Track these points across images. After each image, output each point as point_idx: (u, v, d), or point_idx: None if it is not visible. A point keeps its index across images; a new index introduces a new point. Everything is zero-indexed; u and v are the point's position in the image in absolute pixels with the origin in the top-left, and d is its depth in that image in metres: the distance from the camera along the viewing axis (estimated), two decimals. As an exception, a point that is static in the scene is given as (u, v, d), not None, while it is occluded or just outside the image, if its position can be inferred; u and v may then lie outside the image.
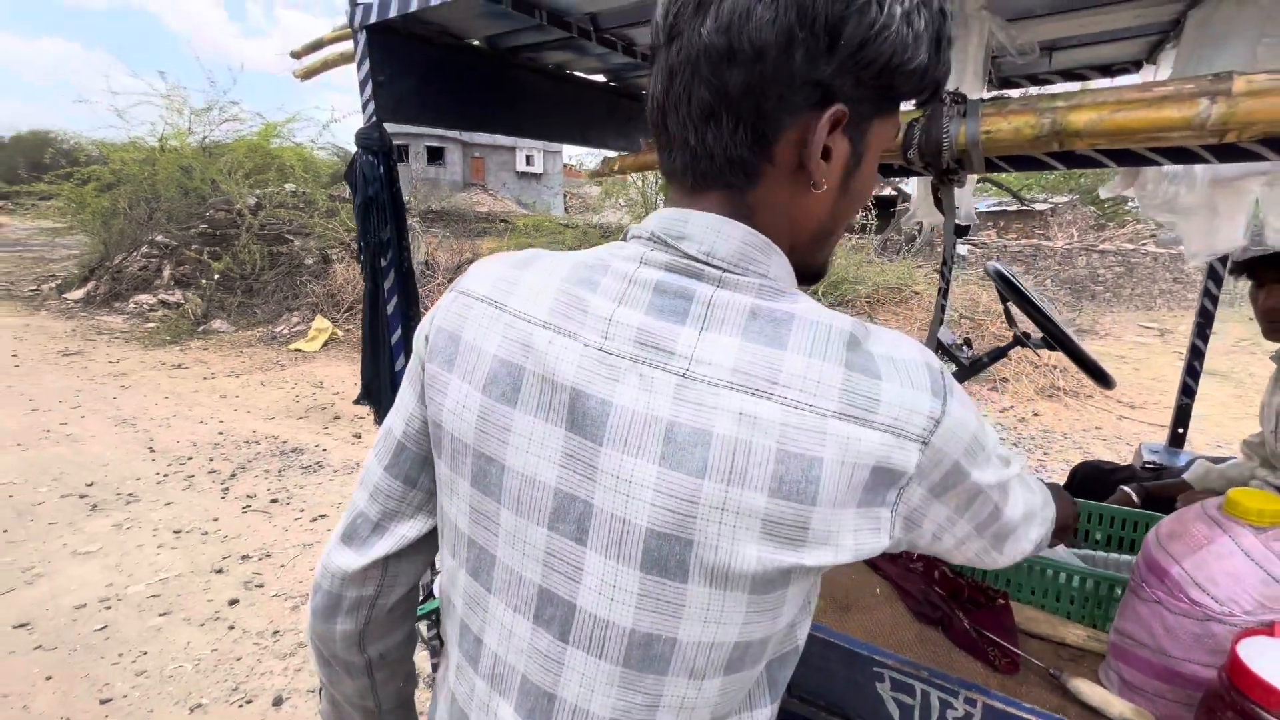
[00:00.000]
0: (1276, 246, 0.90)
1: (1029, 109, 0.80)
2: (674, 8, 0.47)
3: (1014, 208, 18.56)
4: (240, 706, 2.20)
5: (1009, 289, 1.64)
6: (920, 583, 1.10)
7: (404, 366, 1.46)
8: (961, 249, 14.20)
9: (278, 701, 2.22)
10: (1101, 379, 1.61)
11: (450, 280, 8.90)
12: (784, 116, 0.46)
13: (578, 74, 1.66)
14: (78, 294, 9.75)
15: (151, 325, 8.20)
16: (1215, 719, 0.74)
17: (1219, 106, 0.68)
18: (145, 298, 9.10)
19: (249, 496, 3.77)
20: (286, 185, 10.14)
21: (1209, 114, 0.69)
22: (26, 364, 6.41)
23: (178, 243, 9.61)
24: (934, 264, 11.82)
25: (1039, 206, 18.22)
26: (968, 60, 1.06)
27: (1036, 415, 5.91)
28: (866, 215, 12.11)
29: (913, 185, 1.75)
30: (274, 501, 3.72)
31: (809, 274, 0.56)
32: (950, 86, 1.03)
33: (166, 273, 9.47)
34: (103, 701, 2.18)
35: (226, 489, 3.85)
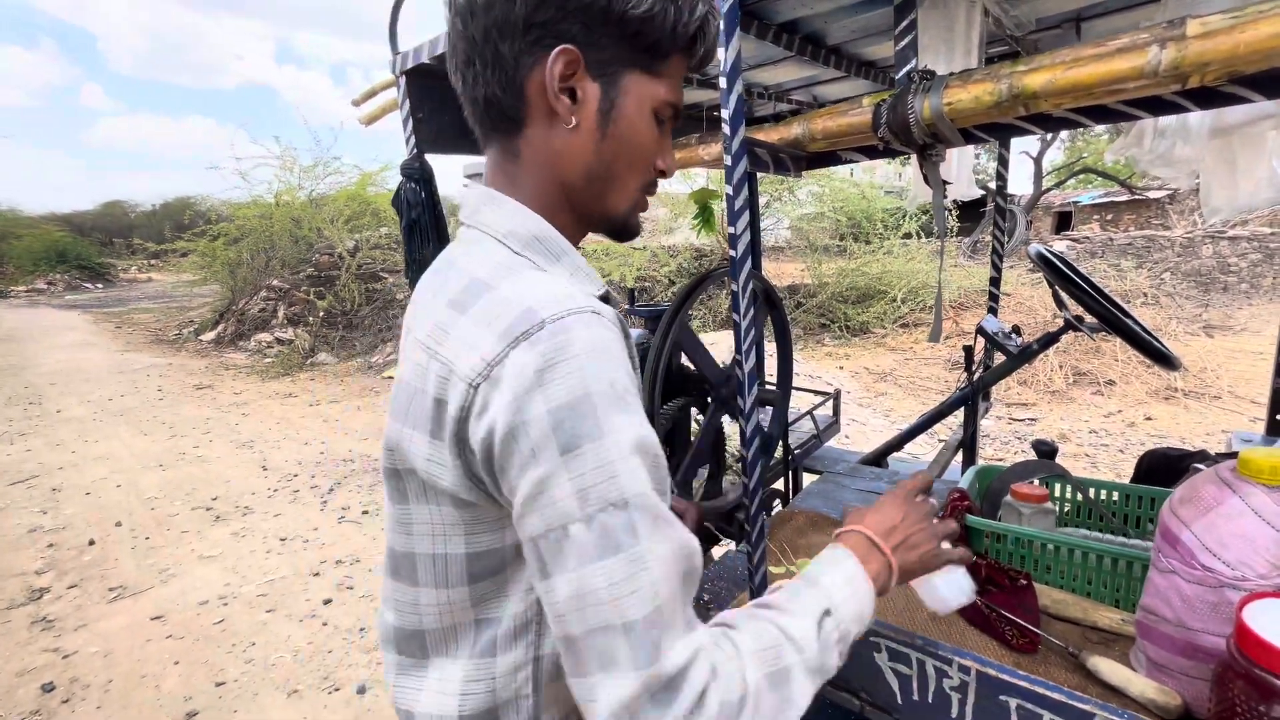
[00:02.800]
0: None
1: (988, 77, 0.81)
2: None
3: (1124, 198, 17.00)
4: (330, 693, 2.41)
5: (1053, 272, 1.57)
6: (935, 563, 1.08)
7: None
8: (1059, 244, 13.13)
9: (361, 690, 2.42)
10: (1164, 360, 1.50)
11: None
12: (521, 57, 0.54)
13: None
14: (210, 335, 11.09)
15: (268, 360, 9.17)
16: (1227, 690, 0.70)
17: (1168, 52, 0.68)
18: (263, 336, 10.20)
19: (343, 508, 4.12)
20: (381, 229, 11.11)
21: (1159, 60, 0.68)
22: (169, 397, 7.36)
23: (289, 286, 10.74)
24: (1027, 264, 11.04)
25: (1153, 194, 16.58)
26: (956, 38, 1.08)
27: (1149, 419, 5.35)
28: (949, 214, 11.52)
29: (954, 181, 1.72)
30: (365, 513, 4.05)
31: (609, 227, 0.63)
32: (941, 66, 1.05)
33: (281, 313, 10.58)
34: (217, 684, 2.47)
35: (325, 502, 4.23)
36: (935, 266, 10.08)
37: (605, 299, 0.59)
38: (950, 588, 0.71)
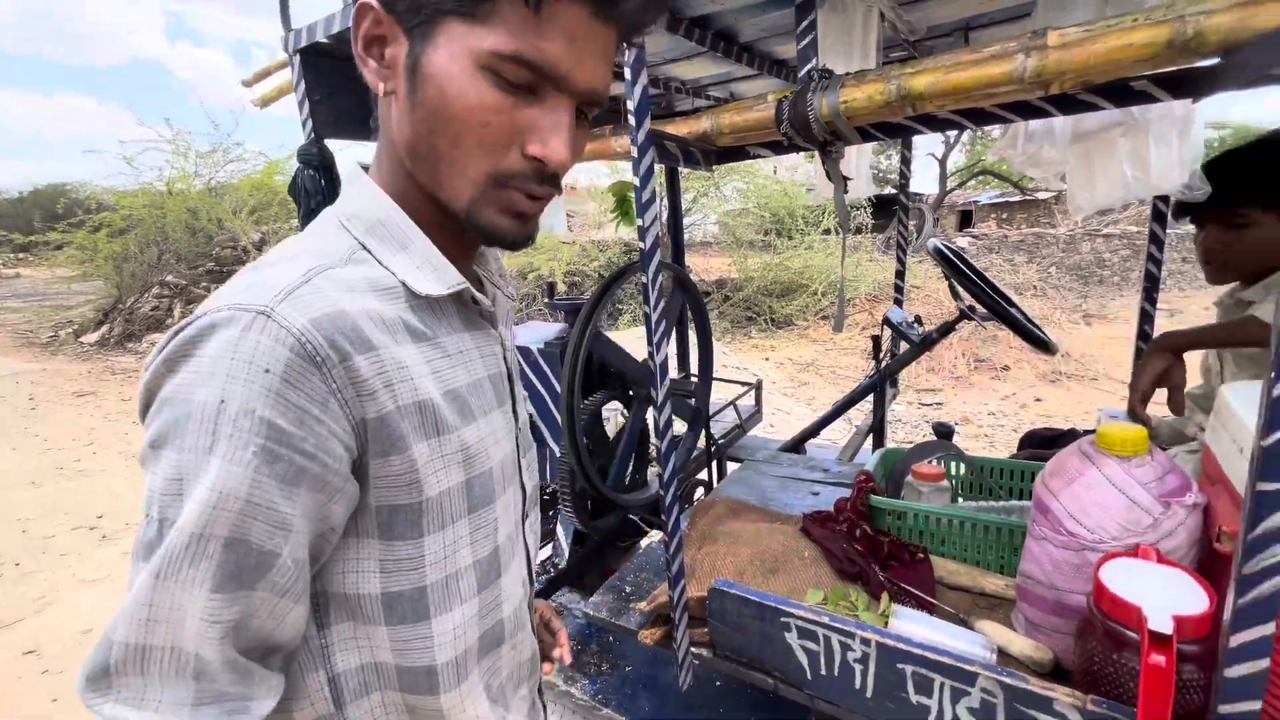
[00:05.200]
0: (1141, 196, 0.93)
1: (880, 78, 0.85)
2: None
3: (1016, 198, 18.47)
4: None
5: (948, 265, 1.68)
6: (842, 541, 1.13)
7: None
8: (962, 241, 14.12)
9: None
10: (1043, 346, 1.64)
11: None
12: (353, 26, 0.47)
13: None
14: (93, 337, 10.03)
15: (164, 363, 8.40)
16: (1088, 643, 0.77)
17: (1033, 60, 0.73)
18: (157, 337, 9.34)
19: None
20: (291, 221, 10.41)
21: (1025, 67, 0.74)
22: (42, 406, 6.60)
23: (187, 281, 9.89)
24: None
25: (1041, 195, 18.11)
26: (854, 41, 1.12)
27: (1039, 400, 5.86)
28: (864, 211, 12.11)
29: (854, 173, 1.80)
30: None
31: (478, 224, 0.50)
32: (840, 66, 1.09)
33: (177, 311, 9.73)
34: None
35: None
36: (852, 262, 10.60)
37: (474, 300, 0.54)
38: None
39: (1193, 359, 1.12)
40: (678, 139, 1.05)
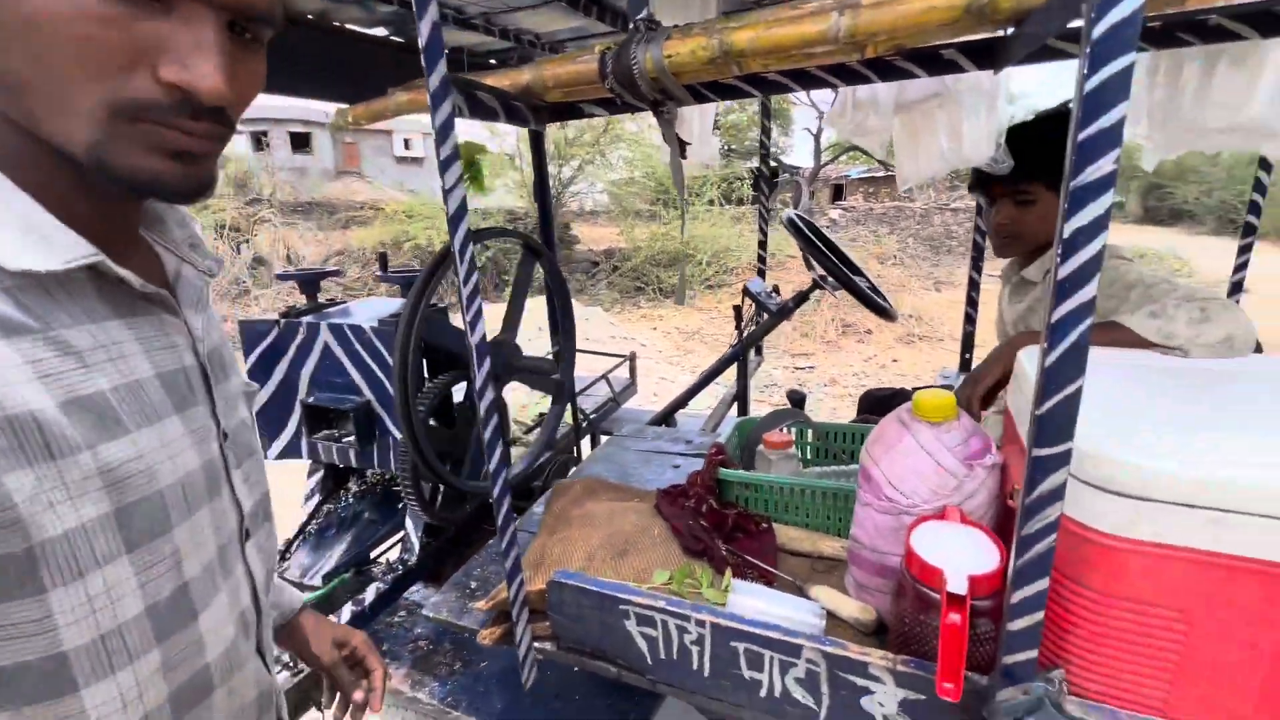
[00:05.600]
0: (957, 166, 0.97)
1: (704, 31, 0.80)
2: None
3: (881, 173, 19.95)
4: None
5: (799, 236, 1.70)
6: (690, 518, 1.12)
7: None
8: (834, 213, 15.04)
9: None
10: (883, 313, 1.72)
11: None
12: None
13: (336, 23, 1.52)
14: None
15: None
16: (900, 605, 0.79)
17: (845, 19, 0.70)
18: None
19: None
20: None
21: (839, 27, 0.71)
22: None
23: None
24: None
25: (902, 171, 19.70)
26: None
27: (895, 361, 6.41)
28: (744, 184, 12.48)
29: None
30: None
31: (96, 171, 0.39)
32: (679, 18, 1.02)
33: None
34: None
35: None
36: (734, 231, 10.96)
37: (98, 270, 0.42)
38: None
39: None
40: (497, 92, 0.94)
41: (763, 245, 2.20)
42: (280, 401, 1.54)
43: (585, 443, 2.12)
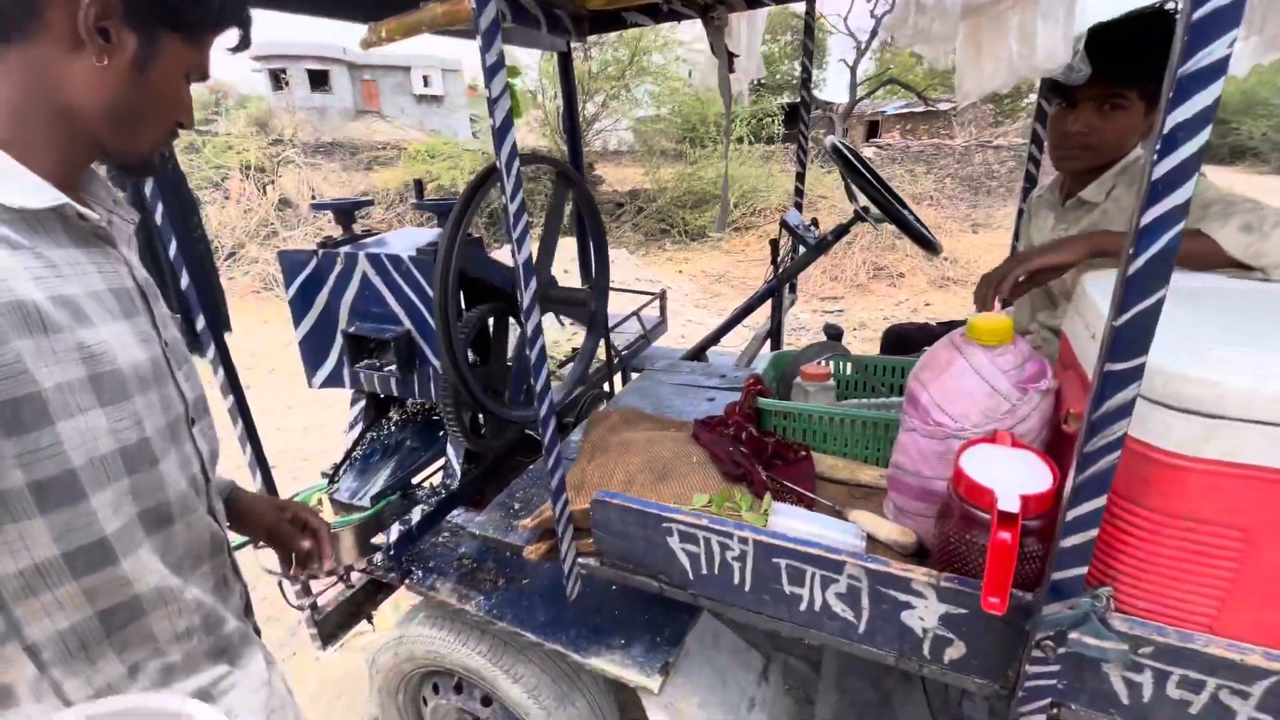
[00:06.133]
0: (1026, 76, 0.90)
1: (762, -79, 0.73)
2: None
3: (920, 109, 18.89)
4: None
5: (844, 163, 1.63)
6: (729, 445, 1.13)
7: (190, 285, 1.31)
8: (868, 151, 14.38)
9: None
10: (928, 245, 1.66)
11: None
12: None
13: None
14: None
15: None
16: (945, 525, 0.80)
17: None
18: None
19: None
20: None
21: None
22: None
23: None
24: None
25: (943, 106, 18.62)
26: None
27: (928, 305, 6.26)
28: (775, 121, 11.94)
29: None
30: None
31: (124, 161, 0.65)
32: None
33: None
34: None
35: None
36: (764, 172, 10.58)
37: (81, 216, 0.60)
38: None
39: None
40: (539, -2, 0.90)
41: (800, 177, 2.12)
42: (322, 331, 1.57)
43: (617, 379, 2.14)
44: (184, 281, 1.29)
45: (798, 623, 0.88)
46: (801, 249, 1.90)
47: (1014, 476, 0.73)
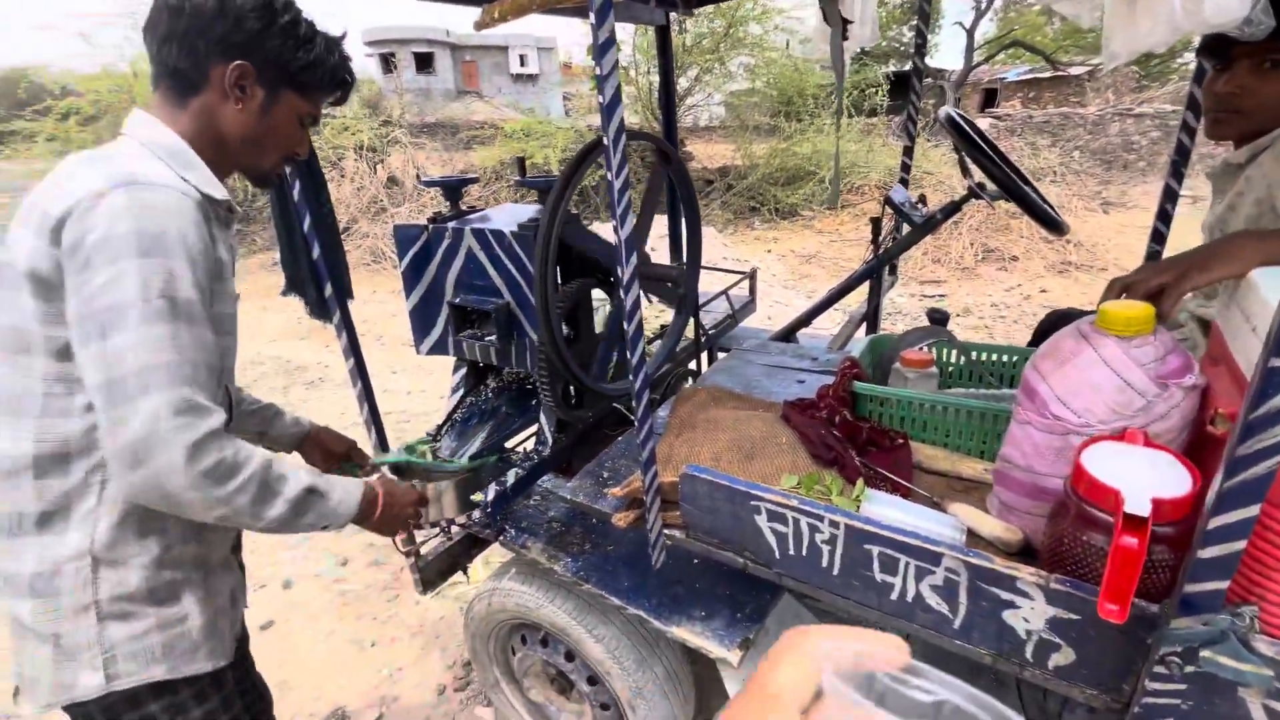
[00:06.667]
0: (1191, 31, 0.79)
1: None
2: None
3: (1047, 74, 17.09)
4: (256, 590, 2.41)
5: (960, 136, 1.53)
6: (821, 428, 1.11)
7: (322, 255, 1.44)
8: (984, 122, 13.23)
9: (287, 584, 2.43)
10: (1053, 226, 1.53)
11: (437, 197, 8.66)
12: (212, 54, 0.82)
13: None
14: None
15: (154, 259, 8.24)
16: (1059, 525, 0.75)
17: None
18: (145, 232, 9.10)
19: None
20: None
21: None
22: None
23: (167, 173, 9.45)
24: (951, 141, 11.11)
25: (1075, 70, 16.74)
26: None
27: (1044, 292, 5.74)
28: (879, 91, 11.23)
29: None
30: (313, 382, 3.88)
31: (251, 174, 0.96)
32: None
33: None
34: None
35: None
36: (864, 146, 10.01)
37: (229, 207, 0.90)
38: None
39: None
40: (648, -30, 0.89)
41: (908, 152, 2.00)
42: (430, 302, 1.68)
43: (703, 358, 2.14)
44: (315, 252, 1.42)
45: (887, 611, 0.86)
46: (906, 228, 1.80)
47: (1144, 478, 0.67)
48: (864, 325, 2.00)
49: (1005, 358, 1.30)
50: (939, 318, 1.47)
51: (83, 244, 0.68)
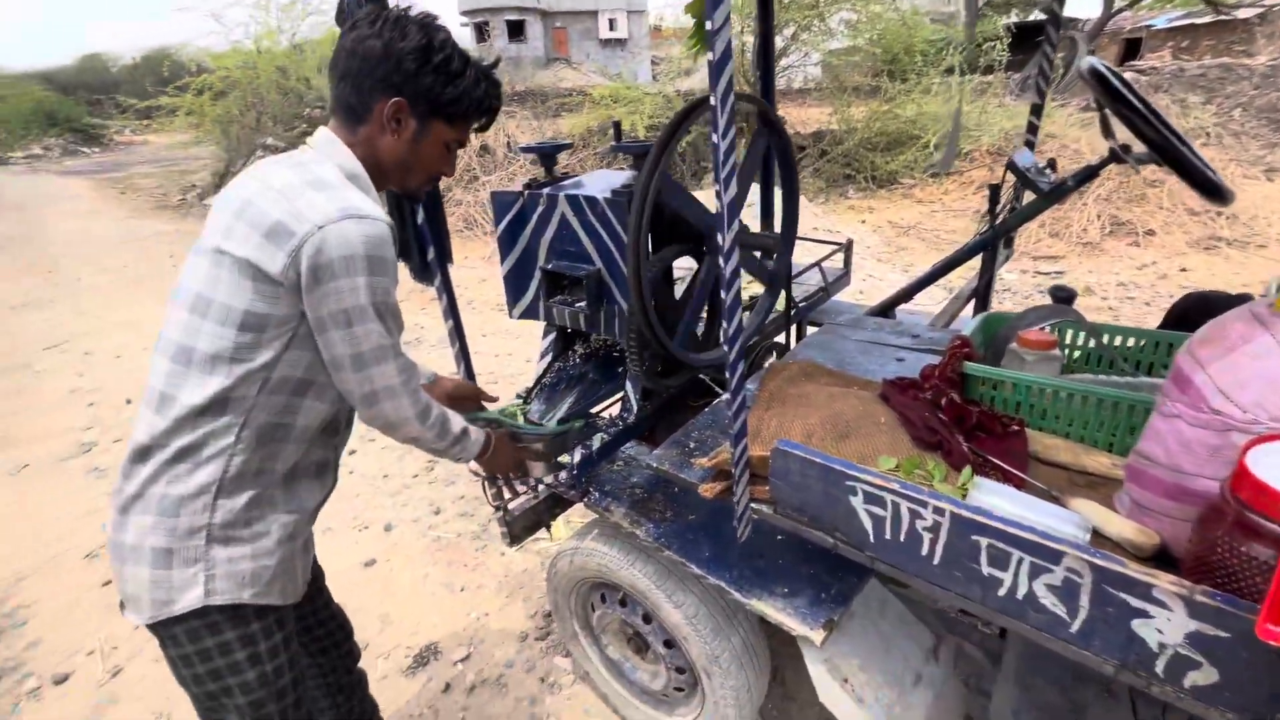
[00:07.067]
0: None
1: None
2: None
3: (1206, 19, 14.84)
4: (360, 531, 2.64)
5: (1105, 90, 1.36)
6: (925, 410, 1.04)
7: (425, 221, 1.50)
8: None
9: (388, 528, 2.64)
10: (1216, 193, 1.33)
11: (529, 164, 8.83)
12: (375, 91, 0.94)
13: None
14: (213, 200, 10.82)
15: (275, 224, 8.98)
16: (1211, 531, 0.67)
17: None
18: (267, 199, 9.90)
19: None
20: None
21: None
22: (181, 263, 7.37)
23: (285, 144, 10.21)
24: (1081, 100, 9.95)
25: (1242, 14, 14.43)
26: None
27: (1184, 271, 5.10)
28: (998, 45, 10.18)
29: None
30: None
31: (403, 192, 1.08)
32: None
33: (281, 174, 10.19)
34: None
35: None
36: (977, 108, 9.17)
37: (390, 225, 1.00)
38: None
39: None
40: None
41: (1037, 110, 1.80)
42: (523, 267, 1.72)
43: (792, 331, 2.07)
44: (420, 218, 1.48)
45: (992, 606, 0.81)
46: (1028, 197, 1.63)
47: (1330, 487, 0.58)
48: (972, 302, 1.86)
49: (1143, 342, 1.16)
50: (1064, 296, 1.33)
51: (329, 262, 0.86)
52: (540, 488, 1.75)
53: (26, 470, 3.30)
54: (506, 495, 1.74)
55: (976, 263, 1.87)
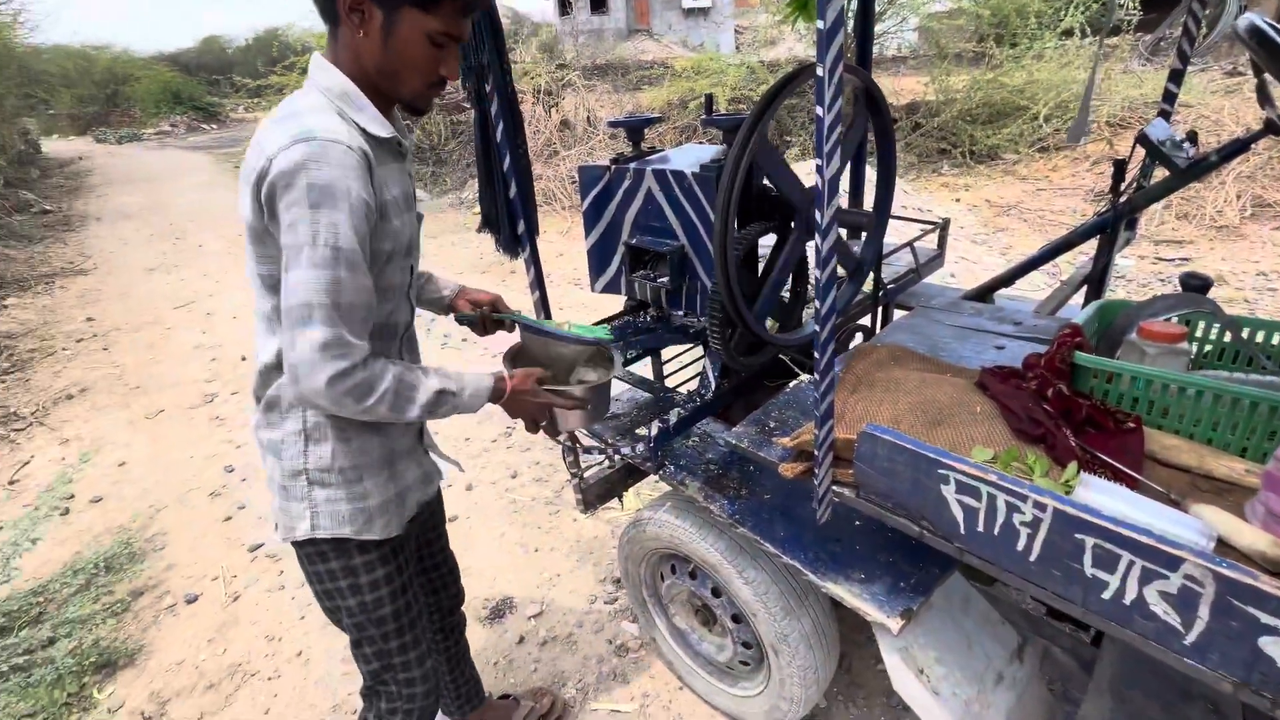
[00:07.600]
0: None
1: None
2: None
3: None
4: (446, 487, 2.81)
5: (1266, 49, 1.20)
6: (1027, 400, 0.99)
7: (517, 194, 1.55)
8: None
9: (469, 488, 2.80)
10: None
11: (608, 139, 8.83)
12: None
13: None
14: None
15: (369, 197, 9.51)
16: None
17: None
18: (362, 173, 10.48)
19: (445, 335, 4.47)
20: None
21: None
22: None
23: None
24: (1223, 65, 8.80)
25: None
26: None
27: (1341, 261, 4.47)
28: (1128, 6, 9.14)
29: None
30: (464, 340, 4.37)
31: (408, 106, 0.97)
32: None
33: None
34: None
35: (429, 330, 4.59)
36: (1134, 82, 8.28)
37: (398, 143, 0.98)
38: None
39: None
40: None
41: (1176, 77, 1.61)
42: (607, 241, 1.74)
43: (878, 313, 2.00)
44: (511, 191, 1.53)
45: (1094, 610, 0.77)
46: (1159, 174, 1.48)
47: None
48: (1083, 289, 1.72)
49: (1293, 338, 1.04)
50: (1198, 284, 1.21)
51: (274, 195, 0.80)
52: (616, 458, 1.80)
53: (161, 415, 3.72)
54: (583, 463, 1.80)
55: (1088, 247, 1.72)
